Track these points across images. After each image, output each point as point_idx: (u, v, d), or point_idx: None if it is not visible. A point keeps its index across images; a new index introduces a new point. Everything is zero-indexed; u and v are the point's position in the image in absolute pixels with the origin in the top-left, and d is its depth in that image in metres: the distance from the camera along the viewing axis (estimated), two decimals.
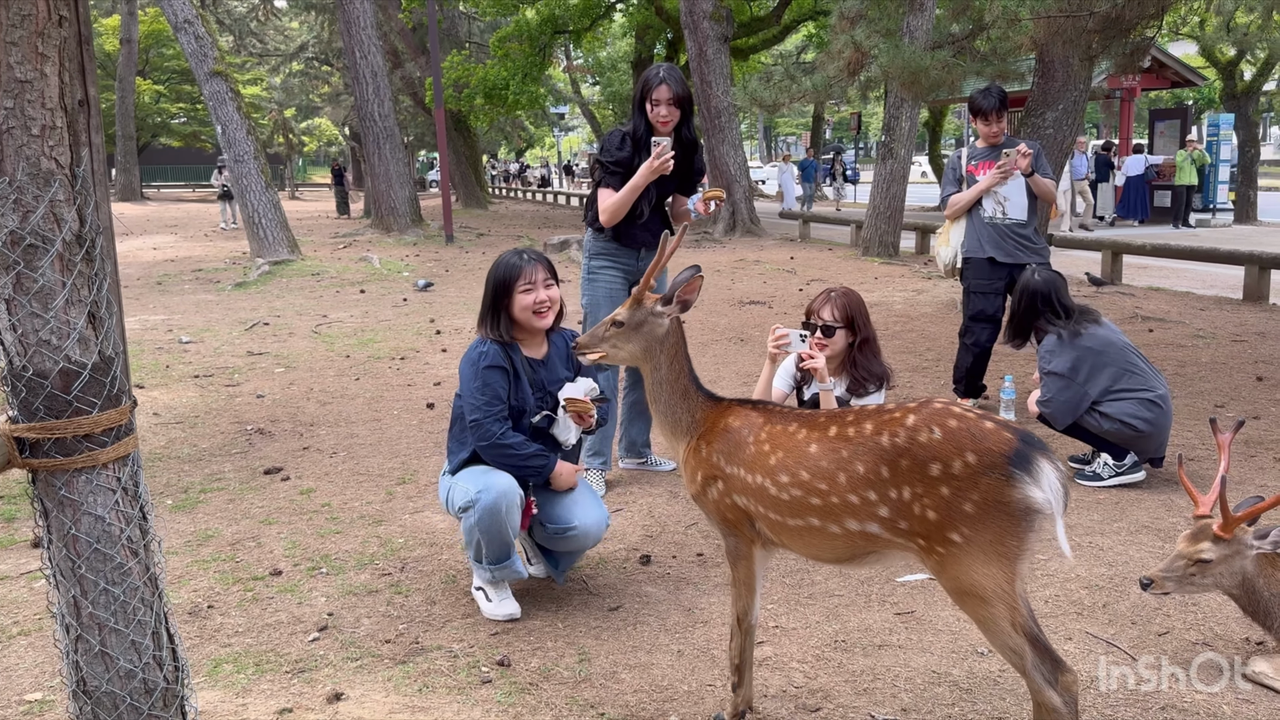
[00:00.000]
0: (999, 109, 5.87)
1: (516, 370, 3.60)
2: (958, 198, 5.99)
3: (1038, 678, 2.30)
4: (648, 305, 2.91)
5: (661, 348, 2.89)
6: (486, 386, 3.52)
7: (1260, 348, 7.77)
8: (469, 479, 3.53)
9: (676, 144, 4.80)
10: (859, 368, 4.10)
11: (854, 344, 4.11)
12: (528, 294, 3.60)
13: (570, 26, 26.13)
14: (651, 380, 2.92)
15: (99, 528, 1.93)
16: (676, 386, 2.89)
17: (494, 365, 3.54)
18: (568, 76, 43.24)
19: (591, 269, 5.03)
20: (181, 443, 5.95)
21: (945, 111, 32.79)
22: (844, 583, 3.79)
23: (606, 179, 4.86)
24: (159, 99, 44.27)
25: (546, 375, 3.70)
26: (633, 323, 2.91)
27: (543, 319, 3.64)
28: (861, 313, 4.14)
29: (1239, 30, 17.88)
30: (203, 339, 9.45)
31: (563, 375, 3.73)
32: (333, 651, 3.33)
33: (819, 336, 4.05)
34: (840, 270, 13.41)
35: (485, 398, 3.52)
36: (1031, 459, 2.25)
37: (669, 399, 2.89)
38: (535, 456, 3.56)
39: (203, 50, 14.76)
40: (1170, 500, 4.57)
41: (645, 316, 2.90)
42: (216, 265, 15.88)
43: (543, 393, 3.67)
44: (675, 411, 2.88)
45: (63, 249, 1.84)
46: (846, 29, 9.34)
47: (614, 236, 4.93)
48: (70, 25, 1.86)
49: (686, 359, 2.92)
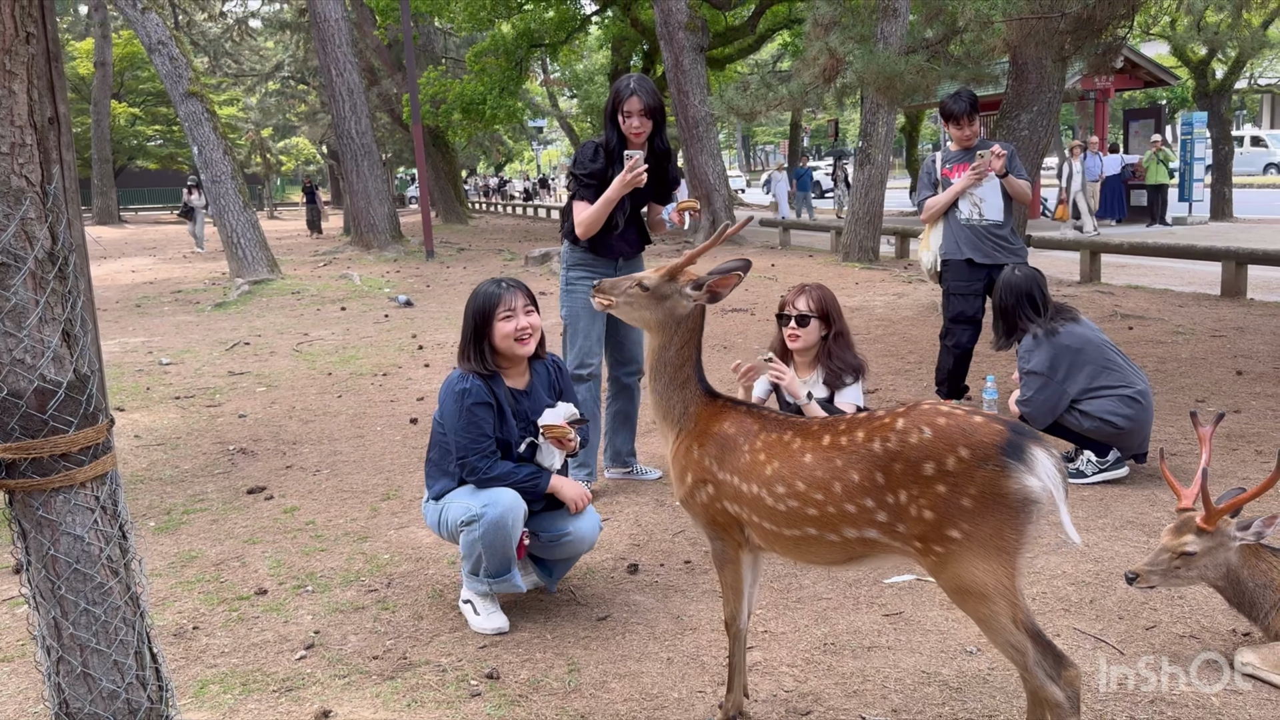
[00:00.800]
0: (970, 112, 5.91)
1: (501, 404, 3.58)
2: (934, 201, 6.02)
3: (1039, 674, 2.28)
4: (680, 282, 2.85)
5: (677, 328, 2.84)
6: (473, 425, 3.50)
7: (1239, 342, 7.84)
8: (468, 497, 3.52)
9: (650, 154, 4.81)
10: (834, 359, 4.15)
11: (828, 336, 4.16)
12: (508, 321, 3.57)
13: (546, 40, 26.18)
14: (657, 357, 2.87)
15: (78, 547, 1.91)
16: (680, 373, 2.84)
17: (480, 402, 3.51)
18: (545, 90, 43.33)
19: (570, 280, 5.02)
20: (163, 464, 5.90)
21: (922, 116, 32.99)
22: (832, 586, 3.79)
23: (580, 191, 4.85)
24: (135, 121, 44.07)
25: (530, 405, 3.67)
26: (658, 293, 2.85)
27: (525, 345, 3.61)
28: (834, 306, 4.21)
29: (1209, 29, 18.06)
30: (183, 360, 9.39)
31: (545, 404, 3.70)
32: (320, 669, 3.30)
33: (793, 326, 4.11)
34: (821, 275, 13.45)
35: (472, 435, 3.49)
36: (1024, 447, 2.25)
37: (668, 382, 2.85)
38: (528, 479, 3.55)
39: (177, 71, 14.71)
40: (1154, 495, 4.59)
41: (672, 291, 2.84)
42: (196, 286, 15.80)
43: (526, 422, 3.64)
44: (670, 396, 2.84)
45: (35, 267, 1.83)
46: (821, 36, 9.38)
47: (590, 248, 4.93)
48: (38, 42, 1.84)
49: (697, 349, 2.86)
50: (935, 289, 8.52)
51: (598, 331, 5.01)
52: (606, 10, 26.23)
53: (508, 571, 3.54)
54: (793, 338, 4.12)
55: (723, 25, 24.42)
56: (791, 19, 25.45)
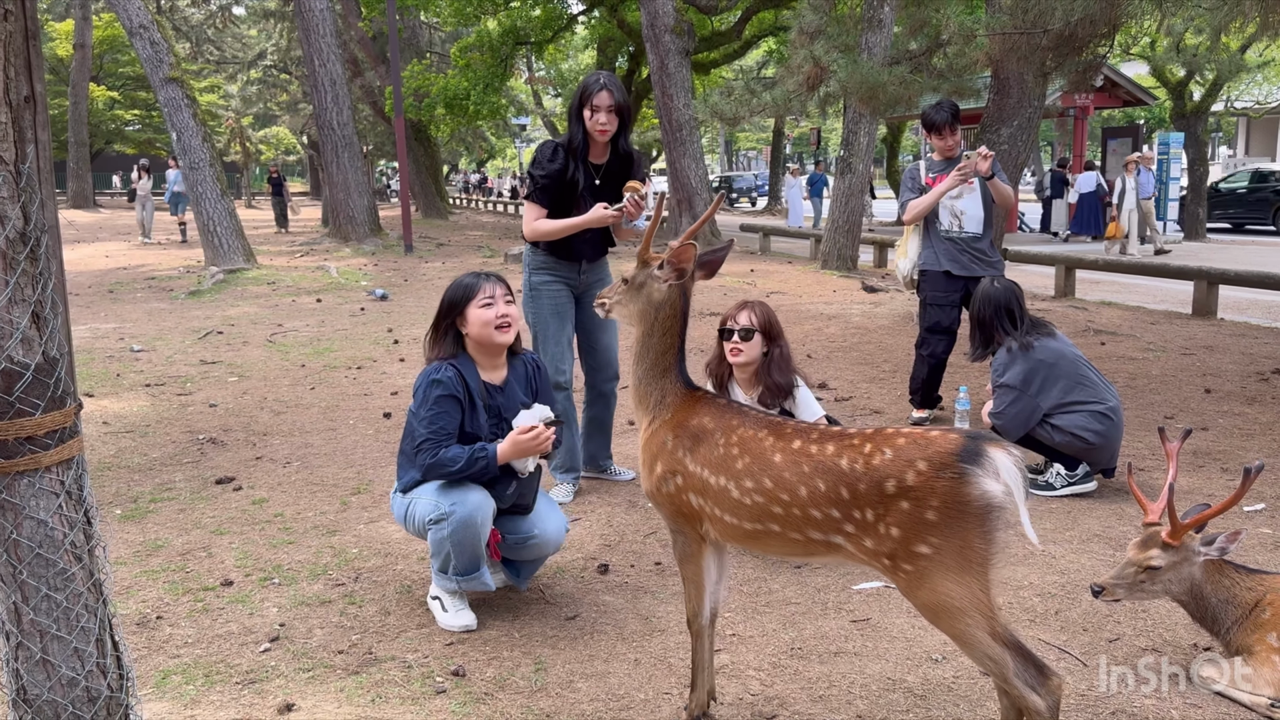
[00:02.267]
0: (951, 122, 5.94)
1: (473, 398, 3.54)
2: (917, 202, 6.02)
3: (1020, 684, 2.27)
4: (651, 266, 2.87)
5: (656, 314, 2.84)
6: (438, 415, 3.46)
7: (1208, 361, 7.93)
8: (436, 494, 3.48)
9: (613, 155, 4.70)
10: (771, 376, 4.17)
11: (769, 354, 4.17)
12: (487, 308, 3.52)
13: (532, 38, 26.10)
14: (641, 345, 2.87)
15: (41, 532, 1.88)
16: (660, 361, 2.84)
17: (449, 395, 3.48)
18: (529, 88, 43.24)
19: (534, 285, 4.85)
20: (131, 452, 5.84)
21: (903, 127, 33.17)
22: (801, 590, 3.80)
23: (535, 193, 4.67)
24: (113, 105, 43.60)
25: (504, 402, 3.63)
26: (635, 282, 2.88)
27: (504, 334, 3.57)
28: (777, 325, 4.23)
29: (1188, 51, 18.29)
30: (155, 347, 9.30)
31: (521, 402, 3.66)
32: (284, 662, 3.27)
33: (735, 340, 4.14)
34: (800, 282, 13.50)
35: (434, 427, 3.45)
36: (981, 451, 2.25)
37: (649, 369, 2.85)
38: (474, 461, 3.43)
39: (158, 56, 14.56)
40: (1121, 509, 4.64)
41: (645, 278, 2.87)
42: (170, 273, 15.64)
43: (499, 419, 3.60)
44: (649, 383, 2.85)
45: (5, 246, 1.80)
46: (806, 44, 9.43)
47: (551, 250, 4.78)
48: (16, 20, 1.82)
49: (679, 337, 2.85)
50: (912, 299, 8.57)
51: (568, 335, 4.89)
52: (593, 10, 26.20)
53: (476, 569, 3.52)
54: (735, 352, 4.15)
55: (709, 30, 24.46)
56: (777, 26, 25.52)
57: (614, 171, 4.70)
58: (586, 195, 4.69)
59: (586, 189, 4.69)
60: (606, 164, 4.75)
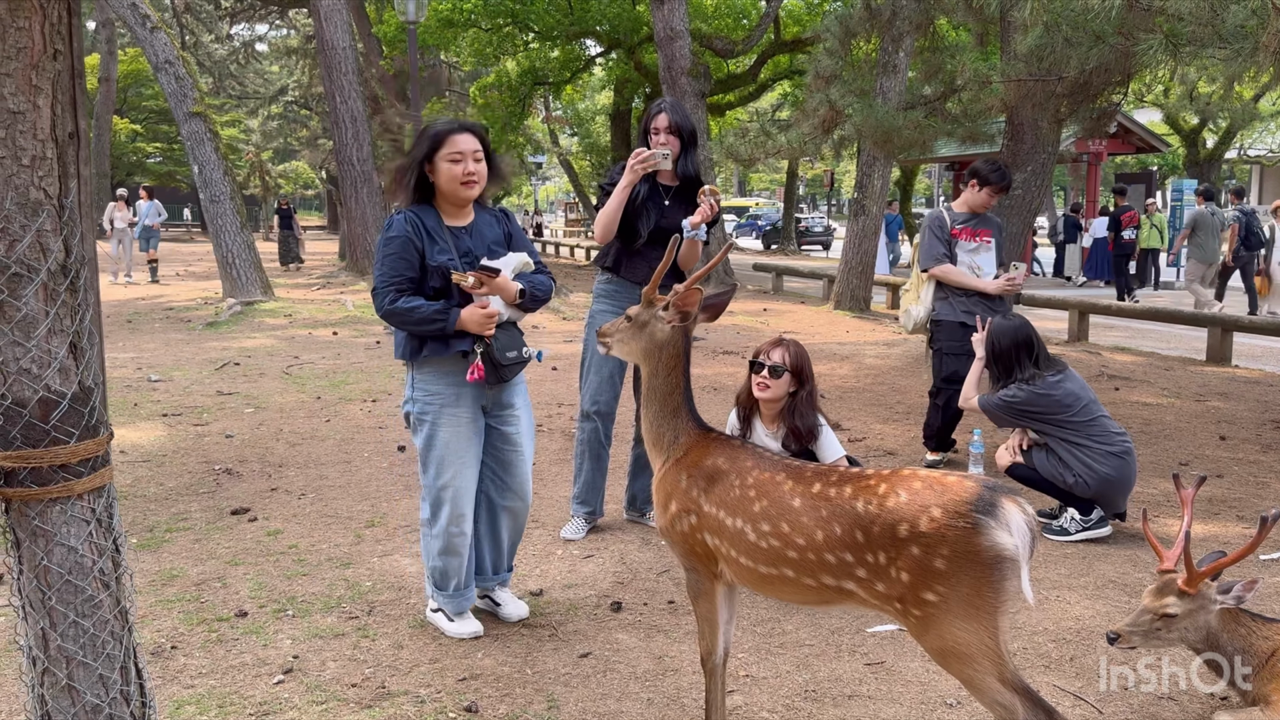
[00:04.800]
0: (1003, 187, 6.11)
1: (431, 234, 3.54)
2: (953, 275, 6.03)
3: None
4: (656, 306, 2.92)
5: (660, 354, 2.89)
6: (388, 258, 3.49)
7: (1223, 408, 7.91)
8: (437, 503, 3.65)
9: (682, 179, 4.70)
10: (795, 418, 4.14)
11: (796, 393, 4.15)
12: (456, 164, 3.52)
13: (550, 78, 26.46)
14: (648, 385, 2.92)
15: (71, 559, 1.91)
16: (669, 401, 2.88)
17: (397, 236, 3.50)
18: (546, 127, 43.65)
19: (593, 313, 4.89)
20: (148, 481, 5.88)
21: (916, 171, 33.34)
22: (815, 632, 3.79)
23: (601, 199, 4.75)
24: (135, 138, 44.20)
25: (471, 243, 3.63)
26: (638, 321, 2.94)
27: (469, 189, 3.57)
28: (808, 366, 4.19)
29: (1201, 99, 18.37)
30: (172, 378, 9.37)
31: (491, 242, 3.66)
32: (298, 695, 3.28)
33: (764, 375, 4.11)
34: (813, 323, 13.53)
35: (386, 269, 3.49)
36: (996, 503, 2.27)
37: (659, 410, 2.90)
38: (433, 319, 3.48)
39: (183, 91, 14.80)
40: (1135, 555, 4.62)
41: (649, 318, 2.92)
42: (188, 304, 15.78)
43: (469, 258, 3.59)
44: (661, 424, 2.89)
45: (47, 279, 1.85)
46: (821, 88, 9.53)
47: (615, 268, 4.78)
48: (64, 59, 1.88)
49: (684, 376, 2.90)
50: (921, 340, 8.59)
51: (609, 369, 4.86)
52: (611, 52, 26.53)
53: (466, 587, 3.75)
54: (761, 386, 4.14)
55: (725, 73, 24.74)
56: (793, 70, 25.80)
57: (680, 192, 4.72)
58: (653, 212, 4.68)
59: (655, 208, 4.69)
60: (675, 187, 4.75)
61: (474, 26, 24.44)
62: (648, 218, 4.66)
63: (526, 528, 5.04)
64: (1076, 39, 6.33)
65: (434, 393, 3.62)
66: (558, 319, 14.40)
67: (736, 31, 23.06)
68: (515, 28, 24.85)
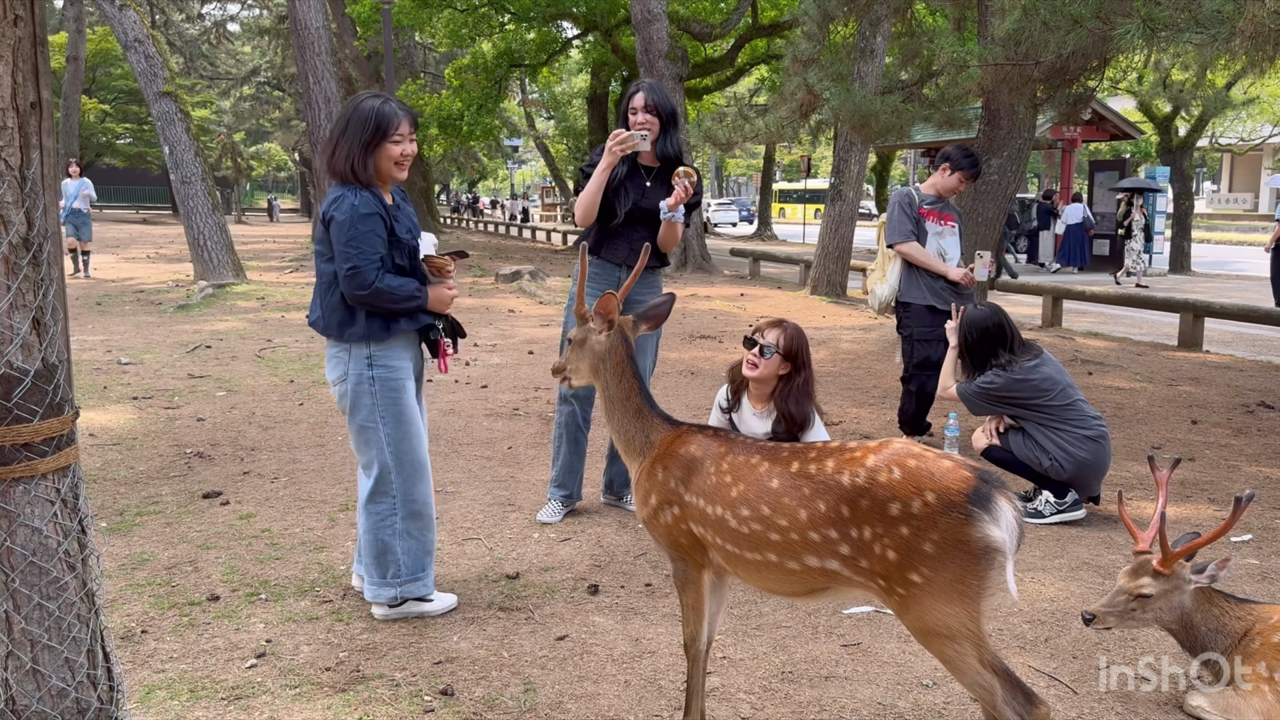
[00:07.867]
0: (974, 174, 6.14)
1: (389, 213, 3.56)
2: (919, 254, 6.03)
3: (1008, 711, 2.28)
4: (588, 322, 3.01)
5: (605, 364, 2.96)
6: (364, 235, 3.45)
7: (1195, 392, 7.99)
8: None
9: (661, 159, 4.65)
10: (789, 403, 4.07)
11: (790, 378, 4.09)
12: (396, 145, 3.53)
13: (526, 61, 26.26)
14: (604, 398, 2.98)
15: (35, 540, 1.87)
16: (629, 405, 2.92)
17: (372, 213, 3.47)
18: (522, 110, 43.42)
19: (571, 296, 4.86)
20: (118, 464, 5.80)
21: (893, 156, 33.46)
22: (791, 614, 3.79)
23: (581, 183, 4.71)
24: (104, 118, 43.58)
25: (401, 222, 3.65)
26: (578, 339, 3.03)
27: (403, 171, 3.61)
28: (805, 351, 4.12)
29: (1175, 87, 18.53)
30: (142, 360, 9.25)
31: (409, 225, 3.69)
32: (271, 679, 3.24)
33: (755, 354, 4.05)
34: (789, 308, 13.54)
35: (365, 246, 3.45)
36: (991, 497, 2.26)
37: (622, 417, 2.94)
38: (412, 297, 3.56)
39: (153, 70, 14.57)
40: (1109, 537, 4.65)
41: (586, 334, 3.02)
42: (158, 287, 15.59)
43: (395, 238, 3.60)
44: (629, 430, 2.91)
45: (9, 251, 1.80)
46: (799, 72, 9.50)
47: (595, 249, 4.72)
48: (25, 25, 1.82)
49: (636, 377, 2.94)
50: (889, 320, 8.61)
51: None
52: (588, 35, 26.38)
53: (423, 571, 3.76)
54: (750, 365, 4.09)
55: (702, 56, 24.65)
56: (770, 54, 25.76)
57: (661, 173, 4.66)
58: (632, 192, 4.63)
59: (635, 188, 4.63)
60: (656, 168, 4.69)
61: (449, 7, 24.24)
62: (625, 197, 4.62)
63: (504, 511, 5.05)
64: (1054, 23, 6.33)
65: (394, 368, 3.68)
66: (534, 303, 14.34)
67: (714, 15, 22.96)
68: (491, 9, 24.67)
